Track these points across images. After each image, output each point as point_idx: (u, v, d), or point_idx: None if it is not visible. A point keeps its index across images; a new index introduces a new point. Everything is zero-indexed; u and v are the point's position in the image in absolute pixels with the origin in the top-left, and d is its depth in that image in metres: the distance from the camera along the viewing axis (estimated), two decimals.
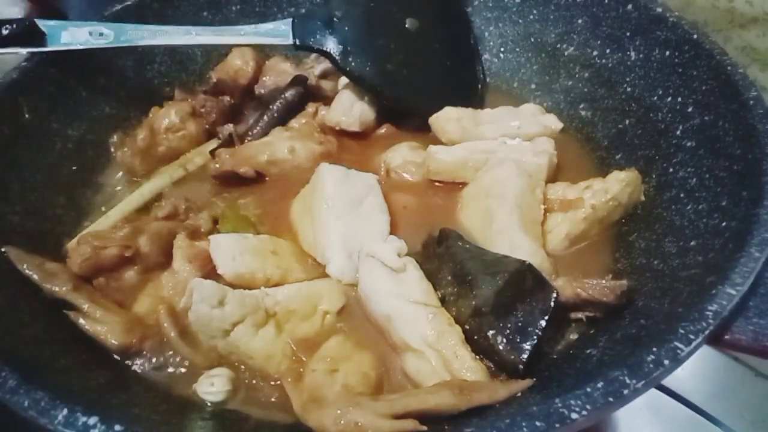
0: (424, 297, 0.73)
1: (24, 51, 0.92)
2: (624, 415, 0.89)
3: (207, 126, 1.04)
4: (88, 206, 0.94)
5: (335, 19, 1.01)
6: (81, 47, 0.93)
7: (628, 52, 0.97)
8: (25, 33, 0.89)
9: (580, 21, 1.05)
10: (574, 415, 0.50)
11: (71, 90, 0.99)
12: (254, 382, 0.71)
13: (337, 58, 1.00)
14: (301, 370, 0.70)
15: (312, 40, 1.00)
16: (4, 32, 0.88)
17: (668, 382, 0.90)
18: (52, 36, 0.93)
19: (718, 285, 0.59)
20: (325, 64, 1.12)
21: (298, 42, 1.00)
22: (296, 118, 1.06)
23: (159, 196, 0.94)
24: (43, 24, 0.92)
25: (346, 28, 1.02)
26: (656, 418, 0.89)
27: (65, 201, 0.92)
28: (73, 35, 0.93)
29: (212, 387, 0.69)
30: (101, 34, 0.94)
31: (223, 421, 0.68)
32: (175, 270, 0.79)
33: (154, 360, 0.73)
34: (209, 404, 0.69)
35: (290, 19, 1.01)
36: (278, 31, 1.01)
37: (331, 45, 1.00)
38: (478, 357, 0.68)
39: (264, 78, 1.14)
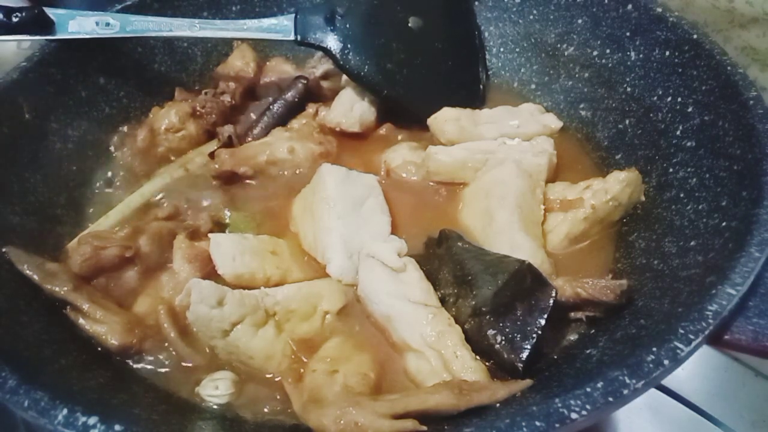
0: (424, 297, 0.73)
1: (32, 39, 0.92)
2: (624, 415, 0.89)
3: (207, 127, 1.04)
4: (88, 206, 0.94)
5: (338, 16, 1.02)
6: (87, 36, 0.93)
7: (628, 52, 0.97)
8: (33, 21, 0.89)
9: (580, 21, 1.05)
10: (574, 415, 0.50)
11: (71, 90, 0.98)
12: (254, 382, 0.71)
13: (336, 55, 1.01)
14: (302, 370, 0.70)
15: (313, 36, 1.01)
16: (14, 19, 0.88)
17: (668, 382, 0.90)
18: (60, 24, 0.93)
19: (718, 285, 0.59)
20: (327, 66, 1.12)
21: (299, 38, 1.00)
22: (296, 118, 1.06)
23: (159, 196, 0.94)
24: (51, 12, 0.92)
25: (348, 26, 1.02)
26: (656, 418, 0.89)
27: (65, 201, 0.92)
28: (80, 24, 0.93)
29: (216, 390, 0.69)
30: (108, 24, 0.94)
31: (223, 421, 0.68)
32: (175, 270, 0.80)
33: (154, 360, 0.73)
34: (214, 407, 0.69)
35: (293, 15, 1.01)
36: (281, 27, 1.01)
37: (332, 42, 1.01)
38: (478, 357, 0.68)
39: (265, 79, 1.15)
